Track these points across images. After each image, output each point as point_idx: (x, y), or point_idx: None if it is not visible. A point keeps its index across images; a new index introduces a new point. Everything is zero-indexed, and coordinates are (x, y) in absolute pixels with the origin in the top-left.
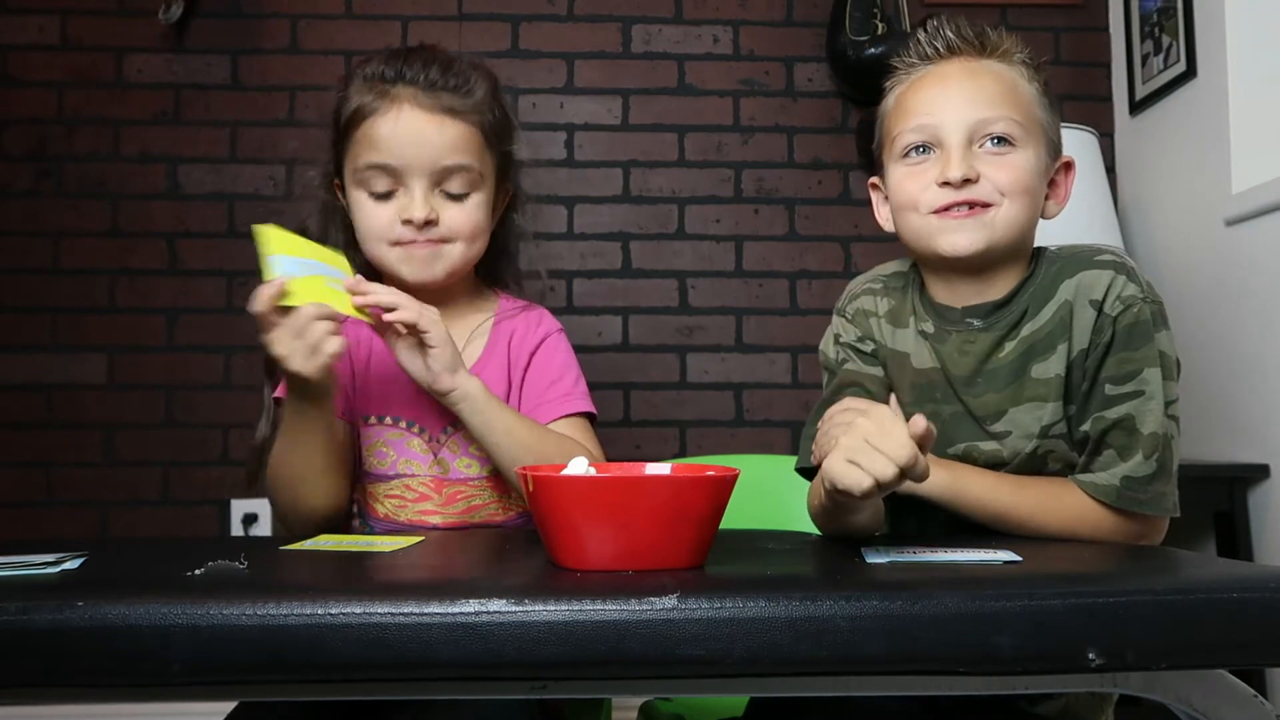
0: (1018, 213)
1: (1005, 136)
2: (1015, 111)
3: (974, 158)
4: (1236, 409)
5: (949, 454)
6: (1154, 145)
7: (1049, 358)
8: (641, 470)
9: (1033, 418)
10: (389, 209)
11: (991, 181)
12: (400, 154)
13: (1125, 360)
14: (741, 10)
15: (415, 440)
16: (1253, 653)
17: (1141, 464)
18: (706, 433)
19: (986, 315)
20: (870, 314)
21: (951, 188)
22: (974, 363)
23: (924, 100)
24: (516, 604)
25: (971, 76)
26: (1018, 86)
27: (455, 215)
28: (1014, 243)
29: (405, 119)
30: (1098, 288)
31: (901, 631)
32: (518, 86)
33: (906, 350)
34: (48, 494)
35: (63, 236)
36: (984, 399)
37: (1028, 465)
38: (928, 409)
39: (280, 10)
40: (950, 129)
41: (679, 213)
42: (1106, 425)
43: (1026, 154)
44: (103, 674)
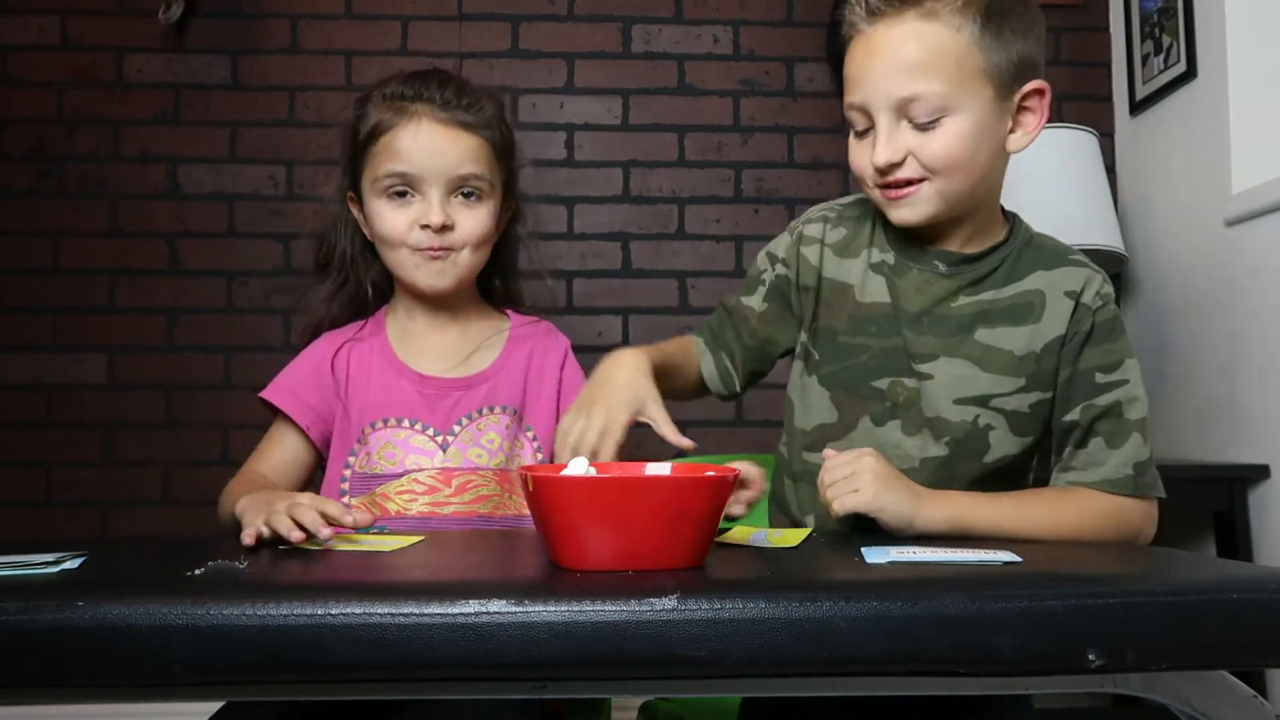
0: (953, 184)
1: (928, 115)
2: (939, 79)
3: (900, 135)
4: (1236, 409)
5: (874, 386)
6: (1154, 145)
7: (998, 328)
8: (641, 470)
9: (963, 375)
10: (407, 214)
11: (918, 159)
12: (419, 163)
13: (1109, 351)
14: (741, 10)
15: (421, 437)
16: (1253, 653)
17: (1142, 447)
18: (706, 432)
19: (953, 264)
20: (815, 240)
21: (880, 171)
22: (927, 302)
23: (855, 75)
24: (516, 604)
25: (891, 45)
26: (943, 45)
27: (467, 221)
28: (963, 205)
29: (424, 131)
30: (1074, 282)
31: (901, 632)
32: (518, 86)
33: (850, 282)
34: (48, 494)
35: (63, 236)
36: (924, 339)
37: (970, 438)
38: (860, 340)
39: (280, 10)
40: (877, 108)
41: (679, 213)
42: (1097, 413)
43: (957, 122)
44: (103, 674)
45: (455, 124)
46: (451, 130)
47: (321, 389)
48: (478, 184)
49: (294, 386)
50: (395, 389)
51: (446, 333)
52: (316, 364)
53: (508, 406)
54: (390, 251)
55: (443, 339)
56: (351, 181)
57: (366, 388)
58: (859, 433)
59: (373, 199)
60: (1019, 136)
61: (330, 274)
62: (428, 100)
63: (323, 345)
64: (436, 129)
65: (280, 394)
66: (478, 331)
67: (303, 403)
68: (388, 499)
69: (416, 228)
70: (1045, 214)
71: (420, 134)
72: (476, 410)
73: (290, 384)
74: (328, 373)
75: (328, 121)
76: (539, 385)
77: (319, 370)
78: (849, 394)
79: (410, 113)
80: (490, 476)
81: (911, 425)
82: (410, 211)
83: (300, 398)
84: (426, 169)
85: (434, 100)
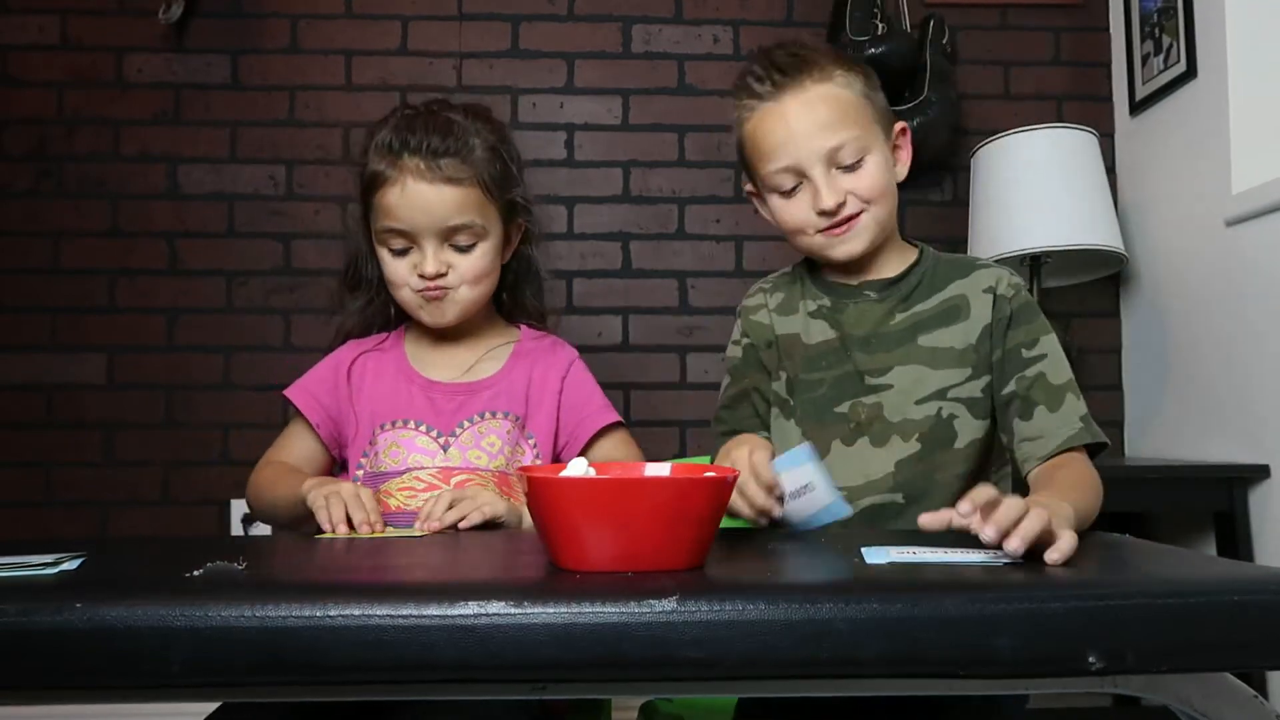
0: (882, 211)
1: (854, 158)
2: (854, 127)
3: (835, 180)
4: (1236, 409)
5: (836, 412)
6: (1154, 145)
7: (935, 331)
8: (641, 471)
9: (918, 377)
10: (406, 263)
11: (857, 195)
12: (409, 220)
13: (1029, 331)
14: (741, 10)
15: (423, 437)
16: (1253, 654)
17: (1078, 403)
18: (706, 433)
19: (881, 289)
20: (758, 308)
21: (828, 214)
22: (870, 326)
23: (775, 142)
24: (516, 606)
25: (805, 109)
26: (844, 100)
27: (463, 265)
28: (886, 230)
29: (410, 190)
30: (988, 280)
31: (901, 633)
32: (518, 86)
33: (796, 331)
34: (47, 494)
35: (63, 236)
36: (875, 356)
37: (937, 430)
38: (815, 375)
39: (280, 10)
40: (809, 163)
41: (679, 213)
42: (1029, 382)
43: (874, 158)
44: (102, 674)
45: (440, 180)
46: (436, 186)
47: (336, 392)
48: (468, 233)
49: (311, 386)
50: (404, 393)
51: (457, 345)
52: (335, 368)
53: (510, 413)
54: (395, 292)
55: (453, 351)
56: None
57: (378, 393)
58: (833, 455)
59: (378, 245)
60: (901, 167)
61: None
62: (414, 152)
63: (345, 352)
64: (422, 187)
65: (299, 392)
66: (486, 344)
67: (316, 402)
68: (390, 495)
69: (414, 275)
70: (1045, 214)
71: (406, 194)
72: (479, 414)
73: (309, 384)
74: (344, 378)
75: (328, 121)
76: (540, 397)
77: (336, 374)
78: (817, 424)
79: (399, 167)
80: (489, 478)
81: (878, 437)
82: (408, 260)
83: (315, 397)
84: (417, 225)
85: (420, 152)
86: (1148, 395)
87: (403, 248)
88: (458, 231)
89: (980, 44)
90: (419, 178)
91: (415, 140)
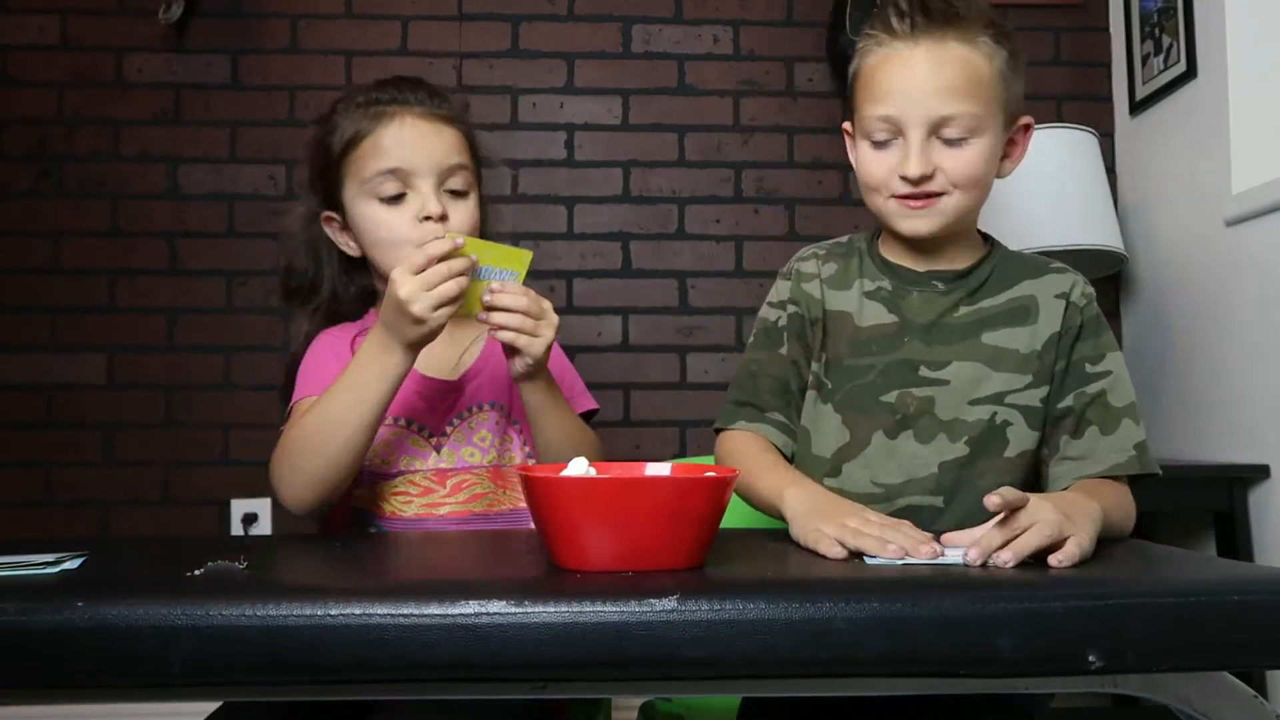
0: (968, 200)
1: (962, 129)
2: (974, 102)
3: (932, 150)
4: (1236, 409)
5: (881, 401)
6: (1154, 145)
7: (1001, 330)
8: (641, 470)
9: (976, 376)
10: (403, 213)
11: (946, 174)
12: (408, 156)
13: (1096, 345)
14: (741, 10)
15: (415, 438)
16: (1253, 654)
17: (1136, 430)
18: (706, 433)
19: (949, 281)
20: (811, 276)
21: (909, 182)
22: (933, 315)
23: (889, 89)
24: (516, 605)
25: (934, 66)
26: (980, 71)
27: (460, 212)
28: (965, 221)
29: (409, 126)
30: (1062, 285)
31: (901, 633)
32: (518, 86)
33: (848, 310)
34: (48, 494)
35: (63, 236)
36: (934, 348)
37: (988, 436)
38: (864, 360)
39: (280, 10)
40: (912, 123)
41: (679, 213)
42: (1088, 399)
43: (980, 143)
44: (102, 674)
45: (436, 117)
46: (434, 123)
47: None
48: (464, 175)
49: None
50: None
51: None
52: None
53: (495, 402)
54: (387, 254)
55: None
56: (326, 199)
57: None
58: (873, 448)
59: (363, 205)
60: (1008, 164)
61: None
62: (403, 103)
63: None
64: (420, 123)
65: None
66: (464, 331)
67: None
68: (383, 499)
69: (416, 224)
70: (1045, 214)
71: (405, 129)
72: (467, 409)
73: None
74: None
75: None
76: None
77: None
78: (859, 412)
79: (390, 114)
80: (484, 474)
81: (925, 433)
82: (405, 209)
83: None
84: (417, 161)
85: (409, 102)
86: (1148, 395)
87: (396, 193)
88: (454, 173)
89: None
90: (415, 116)
91: (403, 94)
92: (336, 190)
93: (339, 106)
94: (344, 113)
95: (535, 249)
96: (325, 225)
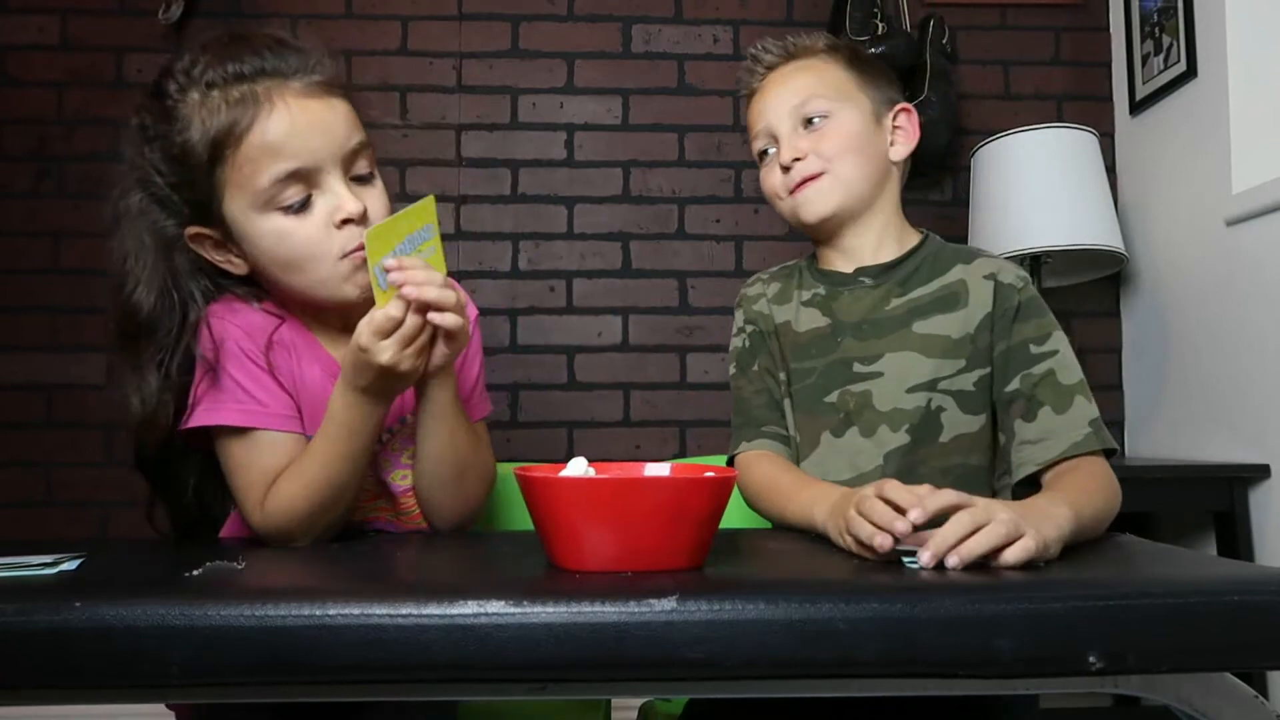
0: (851, 169)
1: (818, 113)
2: (822, 90)
3: (799, 139)
4: (1236, 409)
5: (825, 402)
6: (1154, 145)
7: (932, 317)
8: (641, 471)
9: (911, 365)
10: (313, 220)
11: (817, 153)
12: (309, 150)
13: (1038, 325)
14: (741, 10)
15: None
16: (1254, 654)
17: (1088, 406)
18: (706, 433)
19: (877, 275)
20: (758, 297)
21: (787, 170)
22: (863, 312)
23: (756, 112)
24: (515, 605)
25: (782, 80)
26: (823, 71)
27: (374, 201)
28: (866, 195)
29: (296, 109)
30: (991, 268)
31: (901, 633)
32: (518, 86)
33: (788, 319)
34: (48, 494)
35: (62, 236)
36: (867, 343)
37: (924, 422)
38: (806, 364)
39: (280, 10)
40: (776, 124)
41: (679, 213)
42: (1035, 380)
43: (842, 118)
44: (101, 674)
45: (321, 90)
46: (321, 99)
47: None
48: (368, 154)
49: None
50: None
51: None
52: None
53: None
54: (301, 273)
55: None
56: (194, 214)
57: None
58: (823, 447)
59: (259, 221)
60: (899, 147)
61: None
62: (273, 74)
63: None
64: (307, 102)
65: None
66: None
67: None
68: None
69: (332, 230)
70: (1045, 214)
71: (293, 113)
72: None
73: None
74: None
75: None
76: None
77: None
78: (808, 414)
79: (263, 97)
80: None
81: (867, 427)
82: (315, 215)
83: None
84: (319, 154)
85: (280, 72)
86: (1148, 395)
87: (301, 198)
88: (358, 155)
89: (980, 44)
90: (297, 95)
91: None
92: (208, 204)
93: (173, 90)
94: (191, 100)
95: (535, 249)
96: (194, 244)
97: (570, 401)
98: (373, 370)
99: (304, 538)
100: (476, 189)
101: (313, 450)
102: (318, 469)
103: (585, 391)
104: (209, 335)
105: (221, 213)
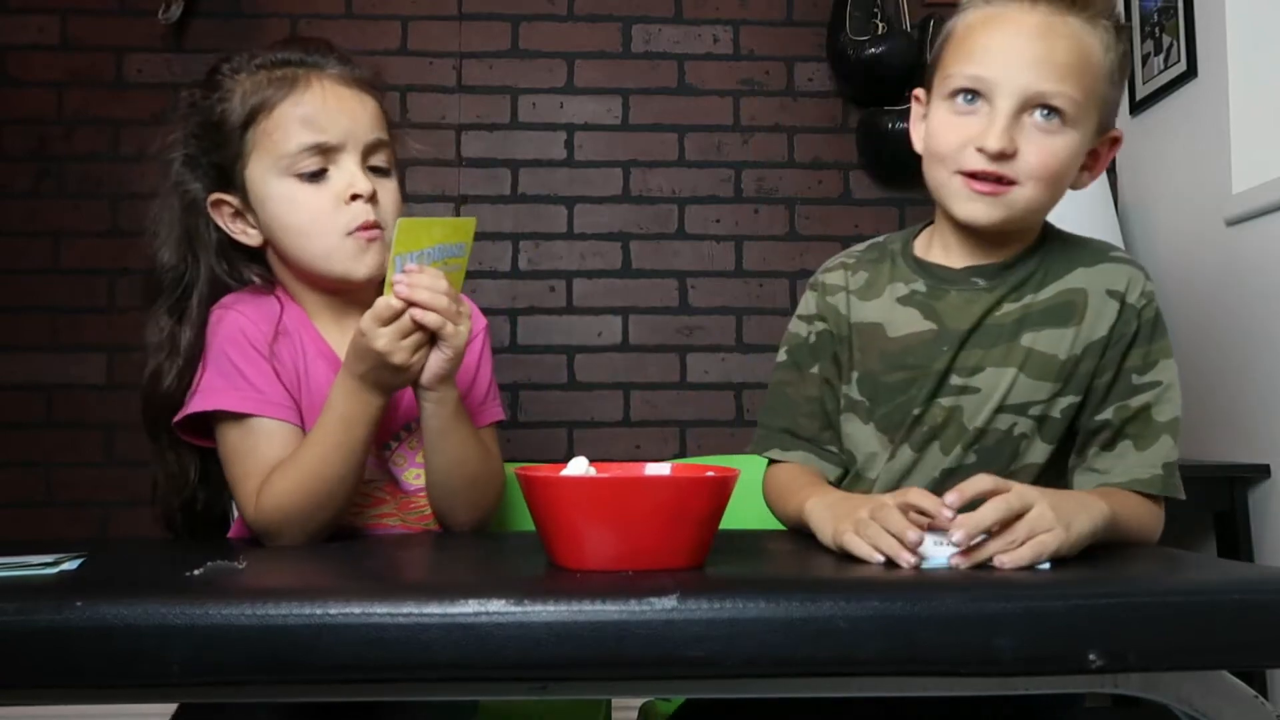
0: (1040, 195)
1: (1058, 113)
2: (1077, 89)
3: (1017, 129)
4: (1236, 409)
5: (914, 414)
6: (1154, 145)
7: (1043, 330)
8: (641, 470)
9: (1010, 383)
10: (325, 192)
11: (1025, 160)
12: (334, 127)
13: (1147, 352)
14: (741, 10)
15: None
16: (1254, 654)
17: (1172, 449)
18: (706, 433)
19: (992, 276)
20: (837, 289)
21: (985, 156)
22: (974, 317)
23: (989, 46)
24: (516, 604)
25: (1045, 37)
26: (1091, 58)
27: (387, 192)
28: (1025, 221)
29: (330, 92)
30: (1119, 280)
31: (901, 632)
32: (518, 86)
33: (879, 320)
34: (48, 494)
35: (62, 236)
36: (971, 352)
37: (1000, 446)
38: (899, 376)
39: (280, 10)
40: (1004, 91)
41: (679, 213)
42: (1129, 414)
43: (1071, 136)
44: (102, 674)
45: (356, 84)
46: (354, 90)
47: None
48: (387, 152)
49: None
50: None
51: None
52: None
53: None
54: (308, 241)
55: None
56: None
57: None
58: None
59: (276, 184)
60: (1087, 175)
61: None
62: (314, 65)
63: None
64: (341, 89)
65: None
66: None
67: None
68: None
69: (341, 204)
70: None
71: (327, 95)
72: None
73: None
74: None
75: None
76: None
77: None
78: (897, 428)
79: (303, 78)
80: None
81: (949, 443)
82: (328, 188)
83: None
84: (342, 133)
85: (320, 64)
86: None
87: (318, 169)
88: (377, 150)
89: None
90: (335, 80)
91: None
92: (232, 169)
93: (225, 69)
94: (237, 77)
95: (535, 249)
96: (214, 211)
97: (570, 401)
98: (370, 356)
99: (298, 534)
100: (476, 189)
101: (309, 441)
102: (314, 460)
103: (585, 391)
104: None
105: (244, 177)
